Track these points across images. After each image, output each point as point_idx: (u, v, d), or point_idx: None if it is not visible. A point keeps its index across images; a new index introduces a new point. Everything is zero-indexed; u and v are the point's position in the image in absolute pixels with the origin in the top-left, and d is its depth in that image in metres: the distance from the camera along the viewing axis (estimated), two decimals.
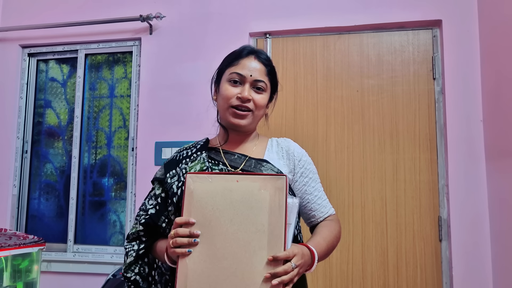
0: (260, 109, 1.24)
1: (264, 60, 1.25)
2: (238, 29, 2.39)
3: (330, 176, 2.26)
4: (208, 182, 0.99)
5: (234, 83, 1.20)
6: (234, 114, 1.19)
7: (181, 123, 2.41)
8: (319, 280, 2.19)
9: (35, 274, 2.16)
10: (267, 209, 0.95)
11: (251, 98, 1.19)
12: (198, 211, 0.98)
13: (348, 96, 2.30)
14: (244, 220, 0.95)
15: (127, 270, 1.22)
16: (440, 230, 2.13)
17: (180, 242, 0.98)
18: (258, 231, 0.94)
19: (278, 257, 0.93)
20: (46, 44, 2.72)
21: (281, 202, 0.96)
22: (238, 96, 1.18)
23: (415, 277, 2.13)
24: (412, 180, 2.18)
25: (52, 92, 2.78)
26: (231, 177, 1.00)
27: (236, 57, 1.23)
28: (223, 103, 1.21)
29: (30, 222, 2.70)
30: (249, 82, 1.20)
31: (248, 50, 1.24)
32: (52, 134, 2.75)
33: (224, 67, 1.25)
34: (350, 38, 2.34)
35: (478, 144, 2.10)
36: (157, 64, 2.50)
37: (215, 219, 0.96)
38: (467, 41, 2.16)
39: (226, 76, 1.22)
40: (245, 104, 1.19)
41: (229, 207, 0.97)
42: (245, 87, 1.19)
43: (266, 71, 1.24)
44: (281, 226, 0.95)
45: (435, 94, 2.22)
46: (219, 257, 0.94)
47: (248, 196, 0.97)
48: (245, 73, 1.20)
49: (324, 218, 1.27)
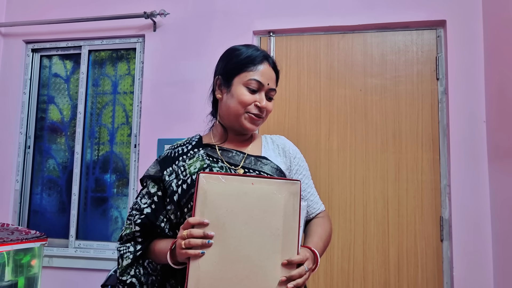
0: (268, 115, 1.26)
1: (274, 66, 1.26)
2: (242, 27, 2.39)
3: (332, 175, 2.26)
4: (222, 183, 0.98)
5: (252, 91, 1.20)
6: (250, 120, 1.21)
7: (183, 120, 2.41)
8: (320, 278, 2.20)
9: (37, 269, 2.16)
10: (282, 214, 0.96)
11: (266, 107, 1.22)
12: (211, 213, 0.96)
13: (351, 95, 2.30)
14: (259, 223, 0.95)
15: (123, 273, 1.19)
16: (442, 230, 2.13)
17: (194, 243, 0.96)
18: (272, 235, 0.94)
19: (293, 261, 0.95)
20: (50, 40, 2.72)
21: (295, 207, 0.97)
22: (257, 105, 1.19)
23: (416, 277, 2.13)
24: (414, 180, 2.19)
25: (56, 88, 2.78)
26: (246, 179, 0.98)
27: (251, 61, 1.22)
28: (238, 107, 1.20)
29: (32, 217, 2.71)
30: (265, 90, 1.21)
31: (262, 55, 1.24)
32: (55, 130, 2.75)
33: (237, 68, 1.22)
34: (354, 37, 2.34)
35: (480, 144, 2.10)
36: (160, 61, 2.50)
37: (229, 221, 0.95)
38: (471, 42, 2.16)
39: (243, 80, 1.20)
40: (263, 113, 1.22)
41: (244, 210, 0.96)
42: (262, 96, 1.21)
43: (276, 79, 1.26)
44: (295, 230, 0.96)
45: (438, 94, 2.22)
46: (233, 260, 0.94)
47: (263, 200, 0.96)
48: (264, 81, 1.20)
49: (316, 214, 1.31)
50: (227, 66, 1.25)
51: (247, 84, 1.19)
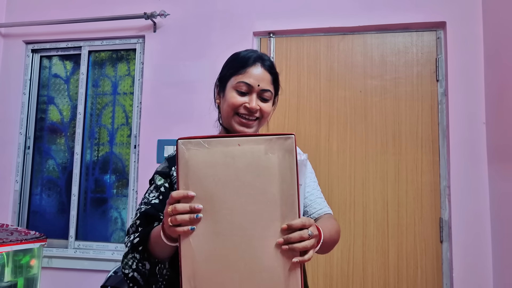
0: (266, 117, 1.25)
1: (269, 67, 1.24)
2: (242, 28, 2.39)
3: (332, 176, 2.26)
4: (205, 149, 0.86)
5: (241, 94, 1.20)
6: (240, 123, 1.20)
7: (183, 121, 2.41)
8: (319, 279, 2.20)
9: (36, 270, 2.16)
10: (277, 176, 0.85)
11: (258, 108, 1.20)
12: (197, 184, 0.85)
13: (351, 97, 2.30)
14: (252, 190, 0.85)
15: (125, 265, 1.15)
16: (441, 232, 2.13)
17: (180, 220, 0.86)
18: (269, 201, 0.84)
19: (292, 225, 0.84)
20: (50, 40, 2.72)
21: (291, 166, 0.85)
22: (246, 106, 1.19)
23: (415, 278, 2.13)
24: (414, 181, 2.19)
25: (55, 88, 2.78)
26: (231, 141, 0.85)
27: (242, 65, 1.22)
28: (229, 110, 1.21)
29: (32, 218, 2.70)
30: (256, 91, 1.20)
31: (254, 57, 1.23)
32: (54, 130, 2.75)
33: (229, 73, 1.24)
34: (354, 39, 2.34)
35: (480, 146, 2.10)
36: (160, 62, 2.50)
37: (218, 191, 0.85)
38: (471, 43, 2.16)
39: (233, 84, 1.21)
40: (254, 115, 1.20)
41: (233, 177, 0.85)
42: (253, 97, 1.20)
43: (271, 80, 1.24)
44: (294, 193, 0.85)
45: (438, 95, 2.22)
46: (228, 233, 0.85)
47: (254, 163, 0.85)
48: (253, 83, 1.20)
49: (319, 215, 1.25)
50: (222, 72, 1.28)
51: (236, 87, 1.20)
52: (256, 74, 1.21)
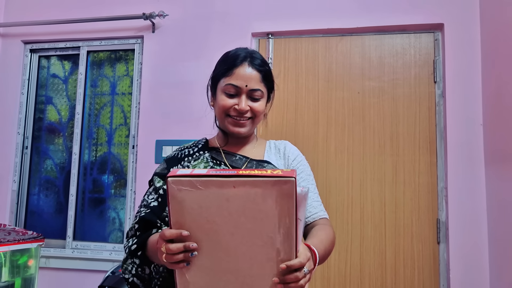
0: (259, 115, 1.23)
1: (258, 66, 1.21)
2: (240, 29, 2.40)
3: (330, 177, 2.26)
4: (198, 190, 0.82)
5: (230, 96, 1.19)
6: (233, 123, 1.20)
7: (182, 122, 2.42)
8: (317, 281, 2.20)
9: (34, 270, 2.16)
10: (275, 220, 0.81)
11: (248, 109, 1.19)
12: (191, 224, 0.83)
13: (349, 98, 2.31)
14: (247, 233, 0.82)
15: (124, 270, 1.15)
16: (439, 233, 2.14)
17: (176, 260, 0.85)
18: (265, 244, 0.82)
19: (291, 267, 0.83)
20: (48, 40, 2.72)
21: (290, 210, 0.80)
22: (236, 108, 1.18)
23: (412, 279, 2.13)
24: (411, 182, 2.19)
25: (54, 88, 2.78)
26: (226, 182, 0.80)
27: (230, 66, 1.21)
28: (220, 112, 1.21)
29: (29, 218, 2.70)
30: (245, 92, 1.19)
31: (241, 57, 1.21)
32: (52, 130, 2.75)
33: (218, 75, 1.24)
34: (352, 40, 2.35)
35: (477, 147, 2.11)
36: (159, 62, 2.51)
37: (213, 232, 0.83)
38: (468, 45, 2.17)
39: (222, 86, 1.21)
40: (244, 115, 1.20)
41: (228, 220, 0.82)
42: (242, 98, 1.19)
43: (261, 78, 1.21)
44: (292, 235, 0.82)
45: (436, 97, 2.23)
46: (223, 270, 0.84)
47: (250, 206, 0.81)
48: (240, 84, 1.18)
49: (314, 219, 1.25)
50: (213, 73, 1.27)
51: (225, 89, 1.20)
52: (244, 74, 1.19)
